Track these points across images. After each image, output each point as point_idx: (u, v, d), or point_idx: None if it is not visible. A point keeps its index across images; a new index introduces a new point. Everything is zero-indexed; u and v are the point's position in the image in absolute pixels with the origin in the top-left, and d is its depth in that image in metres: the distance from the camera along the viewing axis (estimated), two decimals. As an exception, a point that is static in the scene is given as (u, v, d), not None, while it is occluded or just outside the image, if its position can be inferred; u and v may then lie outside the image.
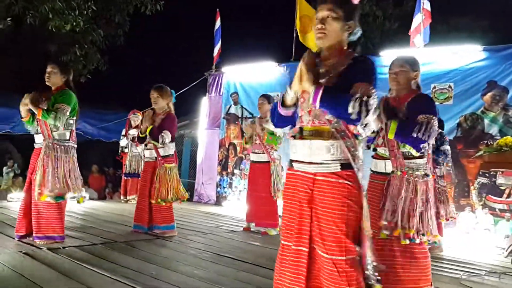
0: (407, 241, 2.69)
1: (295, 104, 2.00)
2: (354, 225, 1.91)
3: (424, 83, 6.45)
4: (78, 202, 4.12)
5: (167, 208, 4.74)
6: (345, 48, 2.05)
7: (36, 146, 4.00)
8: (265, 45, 11.15)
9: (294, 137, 2.06)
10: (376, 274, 1.89)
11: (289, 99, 1.98)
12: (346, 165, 1.92)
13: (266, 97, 5.46)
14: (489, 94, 5.86)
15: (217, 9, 8.78)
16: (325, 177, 1.93)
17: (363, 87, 1.81)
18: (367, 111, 1.77)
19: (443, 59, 6.27)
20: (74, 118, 4.03)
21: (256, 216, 5.42)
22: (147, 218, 4.74)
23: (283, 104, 2.01)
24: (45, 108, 3.81)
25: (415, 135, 2.61)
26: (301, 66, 1.87)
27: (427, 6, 6.32)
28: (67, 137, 3.96)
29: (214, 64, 8.98)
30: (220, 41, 8.70)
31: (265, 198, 5.27)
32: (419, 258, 2.76)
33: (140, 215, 4.76)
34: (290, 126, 2.13)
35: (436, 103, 6.15)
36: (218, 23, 8.73)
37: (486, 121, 5.87)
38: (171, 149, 4.79)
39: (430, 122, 2.65)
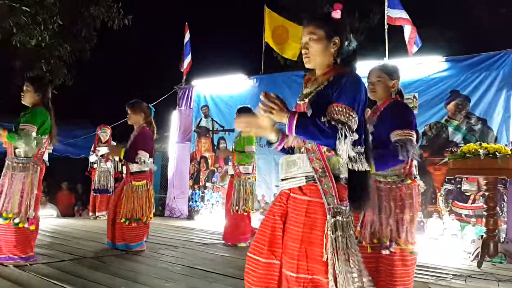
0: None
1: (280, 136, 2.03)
2: (312, 244, 1.85)
3: (390, 93, 6.60)
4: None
5: (132, 228, 4.52)
6: (334, 63, 2.00)
7: None
8: (234, 58, 11.22)
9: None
10: None
11: (273, 138, 2.03)
12: (310, 178, 1.90)
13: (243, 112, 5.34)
14: (452, 103, 6.06)
15: (186, 23, 8.81)
16: (294, 194, 1.93)
17: (338, 111, 1.81)
18: (346, 136, 1.76)
19: (408, 69, 6.45)
20: (46, 136, 3.86)
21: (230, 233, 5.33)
22: (111, 234, 4.60)
23: (270, 143, 2.05)
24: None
25: (400, 158, 2.52)
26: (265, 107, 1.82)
27: (405, 15, 6.48)
28: (29, 155, 3.75)
29: (184, 77, 8.97)
30: (189, 54, 8.70)
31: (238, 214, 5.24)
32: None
33: (108, 231, 4.65)
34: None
35: (402, 112, 6.33)
36: (187, 36, 8.76)
37: (450, 129, 6.06)
38: (143, 166, 4.61)
39: (407, 141, 2.56)
